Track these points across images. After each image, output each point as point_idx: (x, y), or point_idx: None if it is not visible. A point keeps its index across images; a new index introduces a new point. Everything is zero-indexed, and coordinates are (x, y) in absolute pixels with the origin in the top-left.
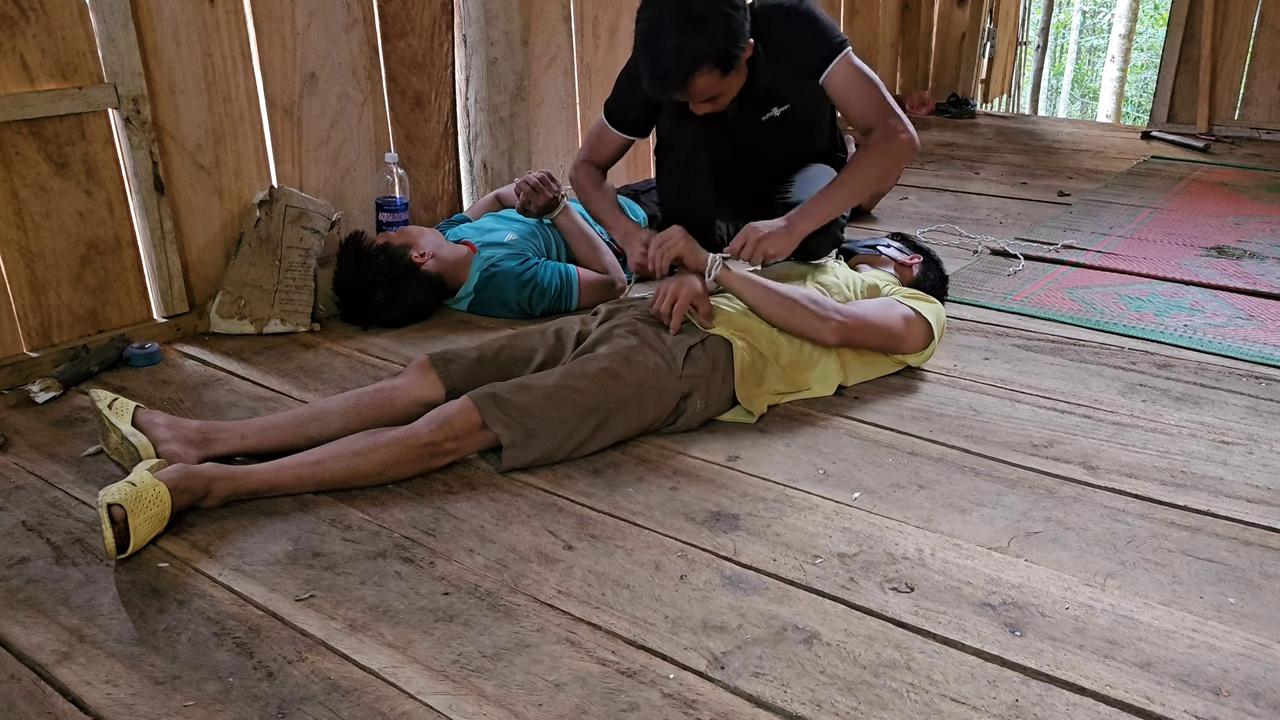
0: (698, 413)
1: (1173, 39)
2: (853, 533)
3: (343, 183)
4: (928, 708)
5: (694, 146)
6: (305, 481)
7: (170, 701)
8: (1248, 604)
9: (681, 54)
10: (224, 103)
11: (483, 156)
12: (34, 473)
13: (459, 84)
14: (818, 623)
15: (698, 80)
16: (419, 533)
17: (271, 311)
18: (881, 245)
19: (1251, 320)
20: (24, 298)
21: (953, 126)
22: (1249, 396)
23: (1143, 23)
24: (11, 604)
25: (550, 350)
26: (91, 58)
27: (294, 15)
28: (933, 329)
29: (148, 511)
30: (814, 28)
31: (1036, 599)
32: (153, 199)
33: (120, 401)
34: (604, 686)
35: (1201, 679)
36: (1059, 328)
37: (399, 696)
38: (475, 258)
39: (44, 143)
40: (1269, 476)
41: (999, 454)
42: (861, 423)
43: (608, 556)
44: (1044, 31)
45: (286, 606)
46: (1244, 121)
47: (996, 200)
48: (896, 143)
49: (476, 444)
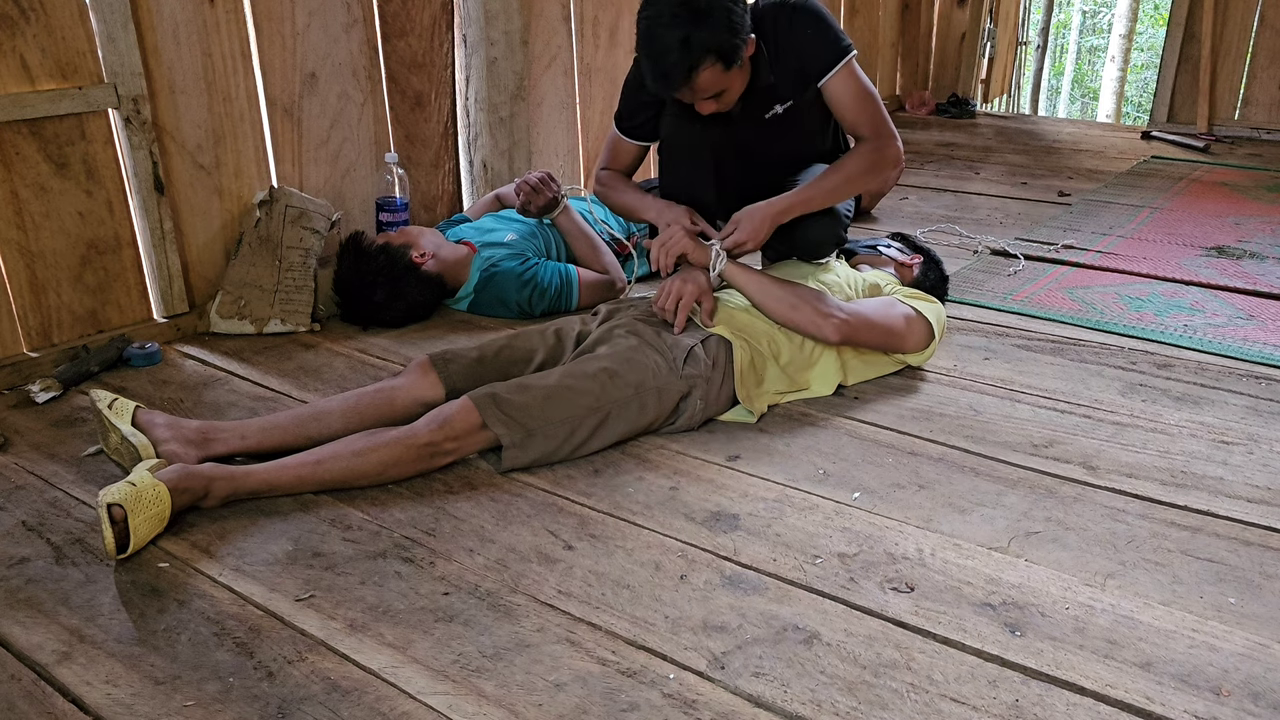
0: (698, 413)
1: (1173, 39)
2: (853, 533)
3: (343, 183)
4: (928, 708)
5: (696, 145)
6: (305, 481)
7: (170, 701)
8: (1248, 604)
9: (685, 46)
10: (224, 103)
11: (483, 156)
12: (34, 473)
13: (459, 84)
14: (818, 623)
15: (701, 74)
16: (419, 533)
17: (271, 311)
18: (882, 245)
19: (1252, 320)
20: (24, 298)
21: (953, 126)
22: (1249, 396)
23: (1143, 23)
24: (11, 604)
25: (550, 350)
26: (91, 58)
27: (294, 15)
28: (933, 329)
29: (148, 511)
30: (820, 28)
31: (1036, 599)
32: (153, 199)
33: (120, 401)
34: (604, 686)
35: (1201, 679)
36: (1059, 328)
37: (399, 696)
38: (475, 258)
39: (44, 143)
40: (1269, 476)
41: (999, 454)
42: (861, 423)
43: (608, 556)
44: (1044, 31)
45: (286, 606)
46: (1244, 121)
47: (996, 200)
48: (885, 154)
49: (476, 444)
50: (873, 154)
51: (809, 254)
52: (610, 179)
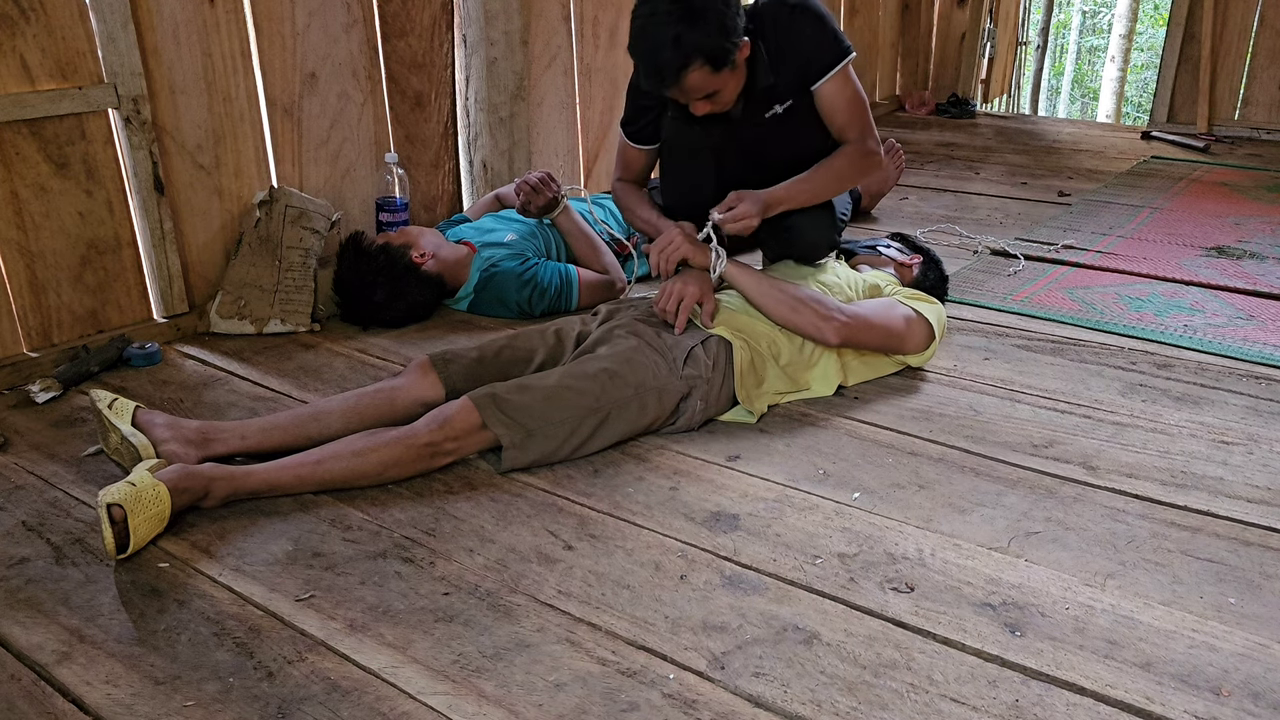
0: (698, 413)
1: (1173, 39)
2: (853, 533)
3: (343, 183)
4: (928, 708)
5: (697, 147)
6: (305, 481)
7: (170, 701)
8: (1248, 604)
9: (678, 44)
10: (224, 103)
11: (483, 156)
12: (34, 473)
13: (459, 84)
14: (818, 623)
15: (691, 74)
16: (419, 533)
17: (271, 311)
18: (881, 245)
19: (1252, 320)
20: (24, 298)
21: (953, 126)
22: (1249, 396)
23: (1143, 23)
24: (11, 604)
25: (550, 350)
26: (91, 58)
27: (294, 15)
28: (934, 329)
29: (147, 511)
30: (819, 27)
31: (1036, 599)
32: (153, 199)
33: (120, 401)
34: (604, 686)
35: (1201, 679)
36: (1059, 328)
37: (399, 696)
38: (475, 258)
39: (44, 143)
40: (1269, 476)
41: (999, 454)
42: (861, 423)
43: (608, 556)
44: (1044, 31)
45: (286, 606)
46: (1244, 121)
47: (996, 200)
48: (871, 159)
49: (476, 444)
50: (860, 158)
51: (805, 256)
52: (625, 193)
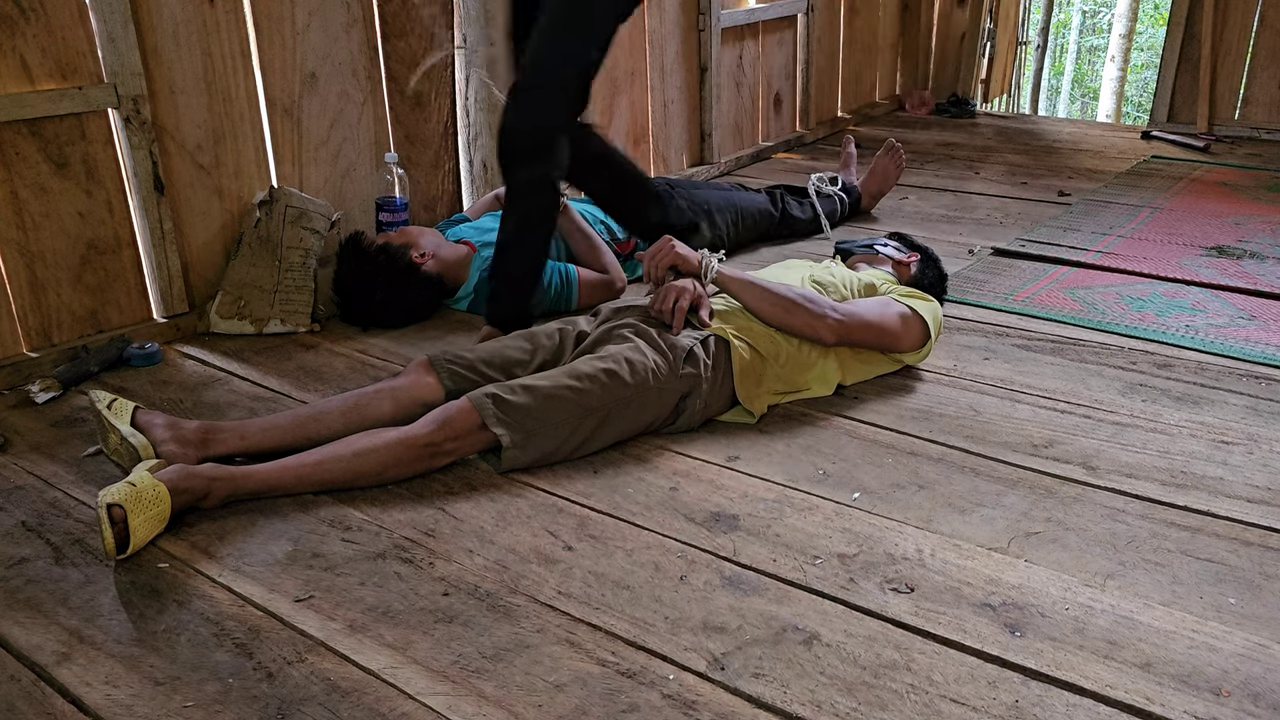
0: (697, 413)
1: (1173, 39)
2: (853, 533)
3: (343, 183)
4: (928, 708)
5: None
6: (305, 482)
7: (170, 702)
8: (1248, 604)
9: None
10: (224, 103)
11: (483, 156)
12: (34, 473)
13: (459, 84)
14: (818, 623)
15: None
16: (419, 533)
17: (271, 312)
18: (879, 244)
19: (1253, 321)
20: (24, 298)
21: (953, 126)
22: (1249, 396)
23: (1143, 23)
24: (11, 604)
25: (550, 350)
26: (91, 58)
27: (294, 15)
28: (929, 327)
29: (147, 512)
30: None
31: (1036, 599)
32: (152, 199)
33: (120, 402)
34: (604, 687)
35: (1201, 679)
36: (1059, 328)
37: (399, 697)
38: (475, 258)
39: (44, 143)
40: (1269, 476)
41: (999, 454)
42: (861, 423)
43: (608, 557)
44: (1044, 31)
45: (286, 607)
46: (1244, 121)
47: (996, 200)
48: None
49: (476, 444)
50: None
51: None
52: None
